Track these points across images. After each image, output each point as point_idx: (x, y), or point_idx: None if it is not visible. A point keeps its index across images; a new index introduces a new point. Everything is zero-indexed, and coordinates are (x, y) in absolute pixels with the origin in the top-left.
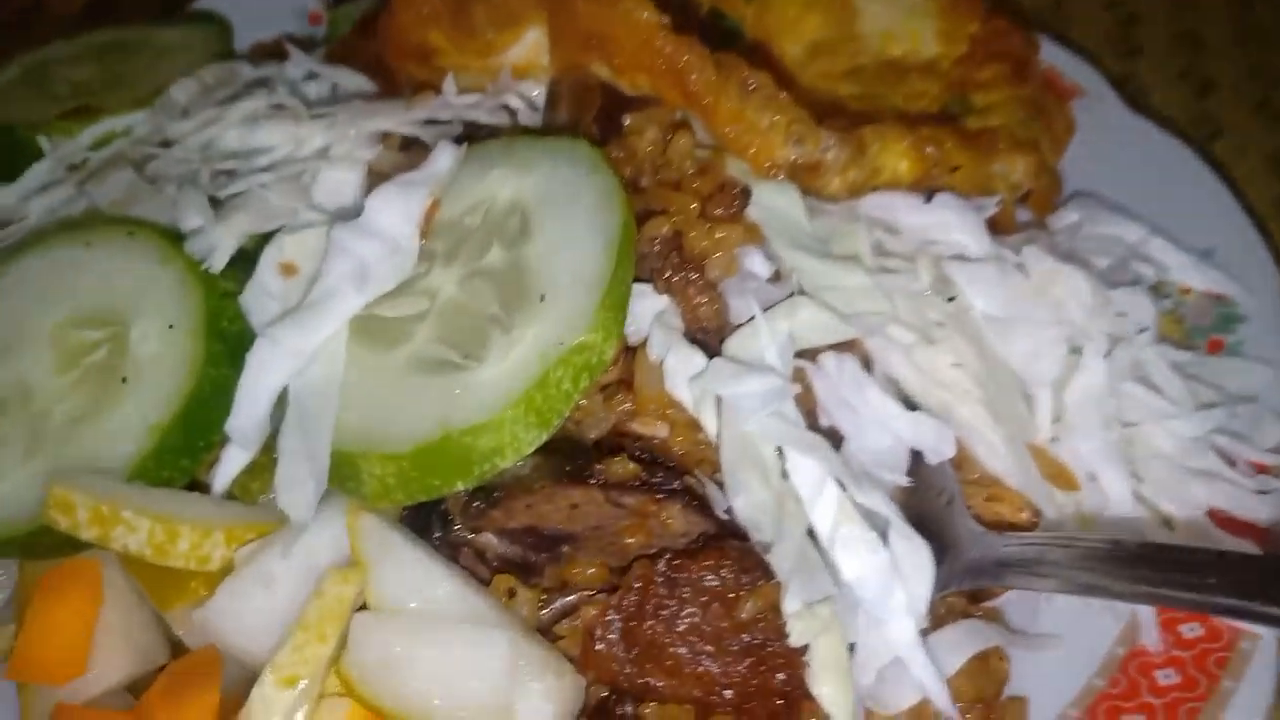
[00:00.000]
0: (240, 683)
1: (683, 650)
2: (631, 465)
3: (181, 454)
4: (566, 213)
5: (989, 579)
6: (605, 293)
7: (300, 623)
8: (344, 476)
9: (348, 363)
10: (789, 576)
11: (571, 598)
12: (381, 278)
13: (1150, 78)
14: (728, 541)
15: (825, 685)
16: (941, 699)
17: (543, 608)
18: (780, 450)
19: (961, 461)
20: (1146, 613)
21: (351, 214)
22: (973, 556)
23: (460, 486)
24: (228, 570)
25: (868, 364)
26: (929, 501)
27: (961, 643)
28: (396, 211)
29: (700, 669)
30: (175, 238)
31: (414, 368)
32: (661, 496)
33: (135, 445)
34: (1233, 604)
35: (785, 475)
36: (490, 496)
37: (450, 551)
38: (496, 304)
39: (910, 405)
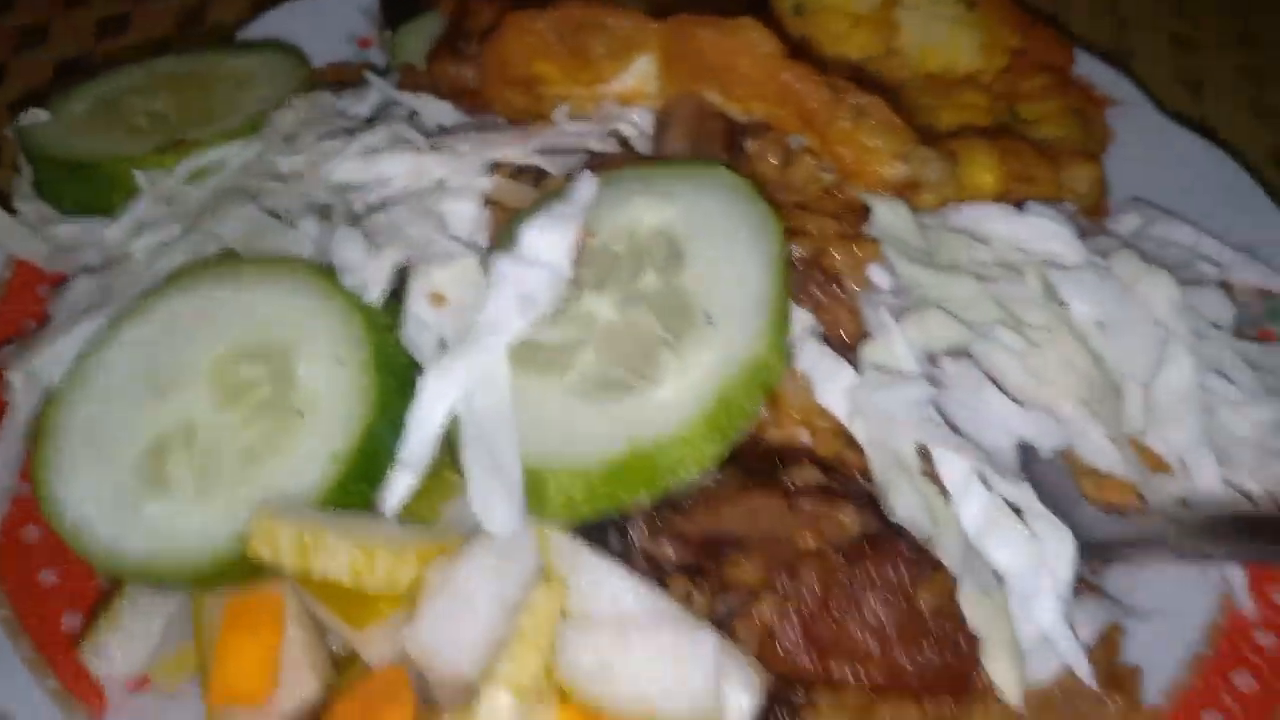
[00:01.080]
0: (423, 704)
1: (867, 640)
2: (813, 470)
3: (361, 481)
4: (720, 237)
5: (1113, 556)
6: (774, 310)
7: (516, 634)
8: (529, 494)
9: (514, 389)
10: (959, 567)
11: (736, 598)
12: (542, 303)
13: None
14: (896, 539)
15: (998, 663)
16: (1084, 671)
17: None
18: (923, 453)
19: (1068, 455)
20: (1239, 582)
21: (477, 244)
22: (1095, 538)
23: (645, 499)
24: (415, 589)
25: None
26: (1048, 492)
27: (1086, 620)
28: (551, 239)
29: (882, 651)
30: (328, 273)
31: (585, 389)
32: (838, 500)
33: (320, 474)
34: None
35: (927, 477)
36: (677, 505)
37: (627, 561)
38: (660, 327)
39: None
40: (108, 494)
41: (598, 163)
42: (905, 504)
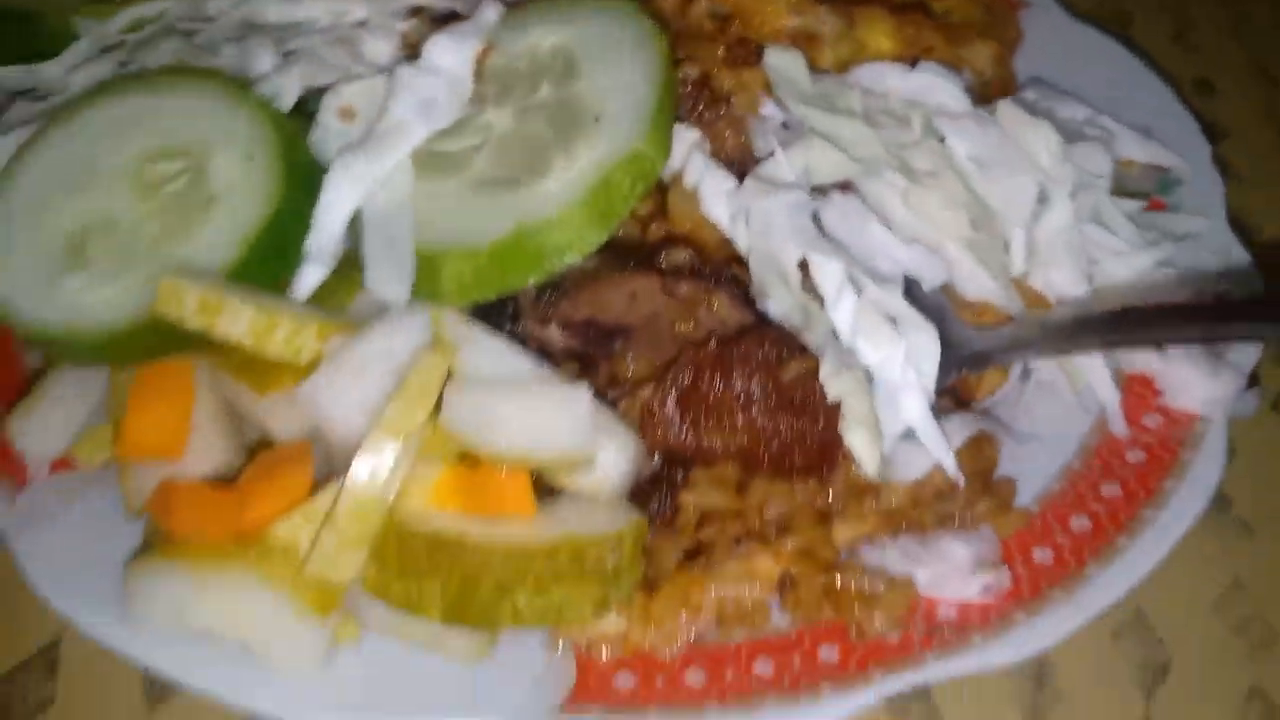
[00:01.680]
0: (323, 475)
1: (737, 411)
2: (686, 253)
3: (267, 264)
4: (611, 52)
5: (984, 363)
6: (654, 112)
7: (403, 388)
8: (422, 279)
9: (415, 187)
10: (823, 347)
11: (620, 391)
12: (443, 110)
13: None
14: (766, 326)
15: (856, 435)
16: (949, 463)
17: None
18: (801, 264)
19: (949, 291)
20: (1113, 405)
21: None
22: (970, 349)
23: (532, 280)
24: (316, 363)
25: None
26: (922, 308)
27: (958, 429)
28: (453, 53)
29: (749, 421)
30: (241, 83)
31: (480, 186)
32: (711, 285)
33: (227, 255)
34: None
35: (804, 287)
36: (560, 288)
37: (518, 345)
38: (552, 132)
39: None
40: (30, 270)
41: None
42: (780, 304)
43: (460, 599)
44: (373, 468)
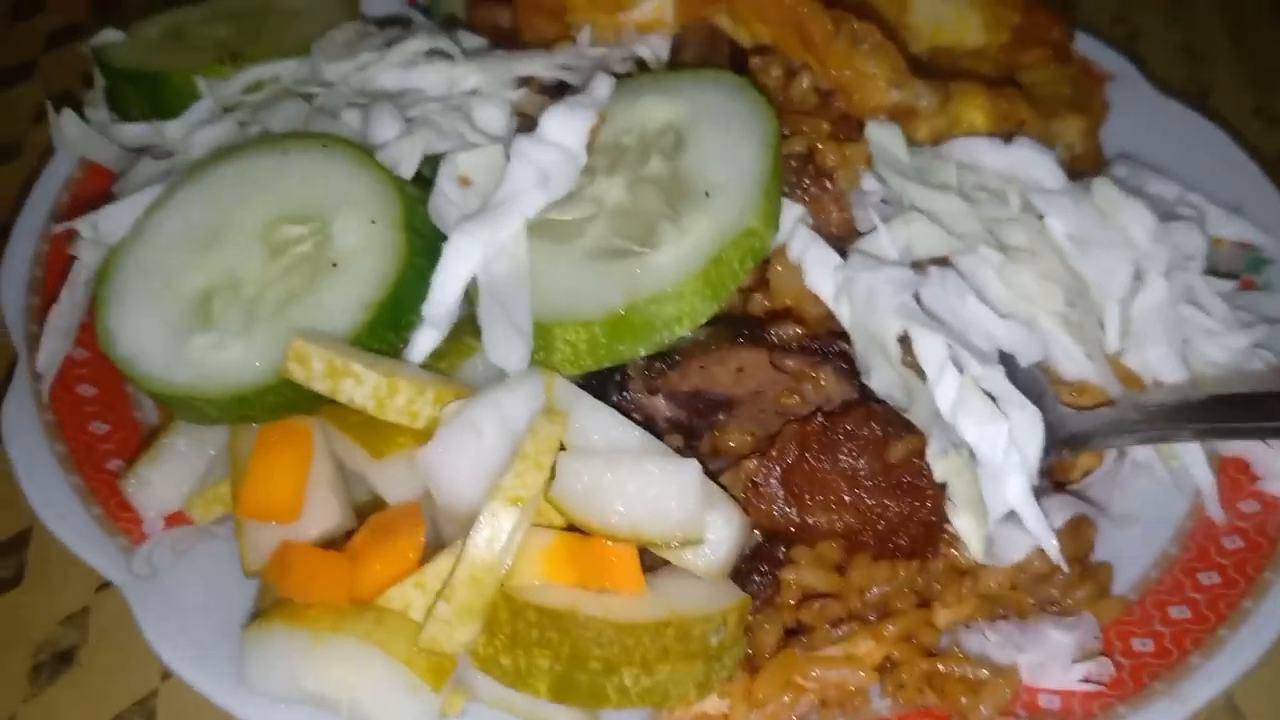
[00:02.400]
0: (433, 541)
1: (838, 486)
2: (797, 329)
3: (388, 329)
4: (721, 126)
5: (1082, 445)
6: (766, 187)
7: (520, 454)
8: (536, 347)
9: (531, 255)
10: (929, 426)
11: (724, 460)
12: (559, 181)
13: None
14: (872, 404)
15: (962, 517)
16: (1052, 547)
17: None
18: (903, 340)
19: (1045, 369)
20: (1209, 490)
21: (507, 142)
22: (1068, 430)
23: (643, 352)
24: (432, 428)
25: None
26: (1022, 388)
27: (1056, 510)
28: (568, 125)
29: (854, 499)
30: (364, 148)
31: (593, 255)
32: (819, 360)
33: (351, 319)
34: None
35: (905, 363)
36: (670, 360)
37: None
38: (663, 204)
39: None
40: (158, 329)
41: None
42: (882, 380)
43: (568, 675)
44: (490, 536)
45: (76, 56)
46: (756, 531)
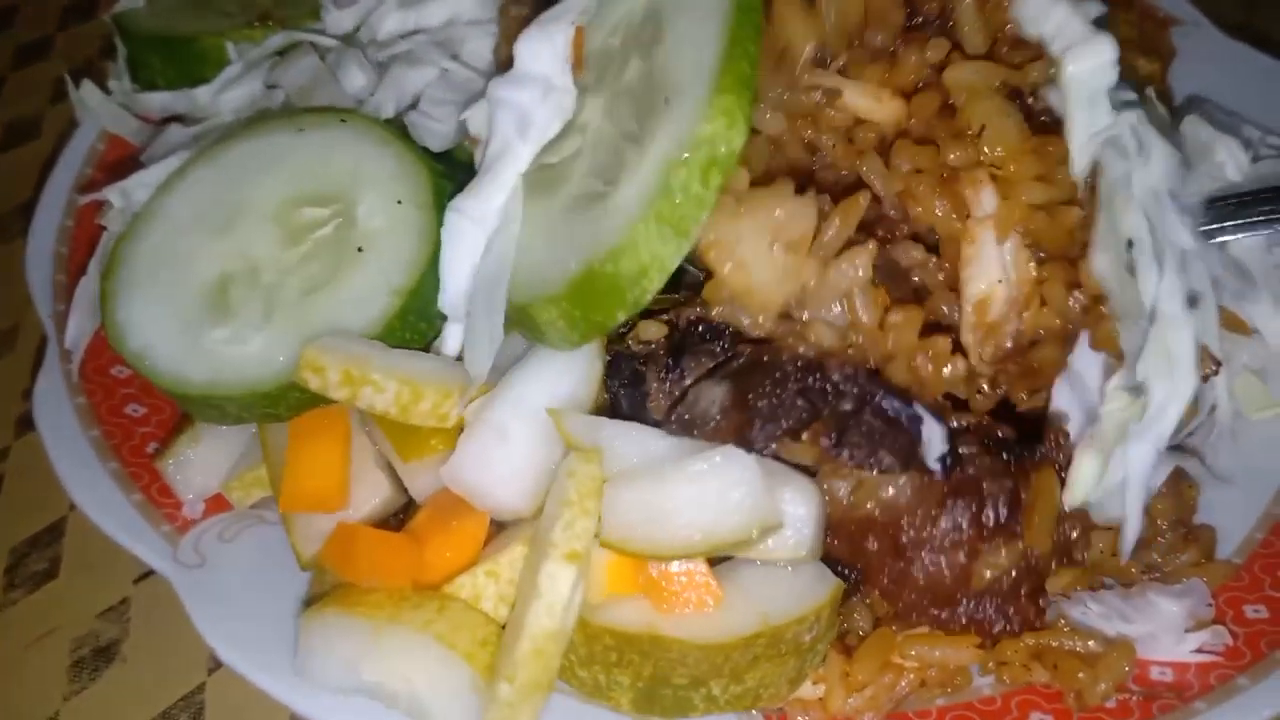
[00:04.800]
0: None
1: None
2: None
3: (420, 317)
4: (690, 2)
5: None
6: (719, 74)
7: (564, 502)
8: (527, 328)
9: (524, 217)
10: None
11: None
12: (543, 122)
13: None
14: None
15: (1086, 458)
16: (1133, 528)
17: None
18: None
19: None
20: None
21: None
22: None
23: (622, 316)
24: (461, 427)
25: None
26: None
27: (1161, 465)
28: (541, 51)
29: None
30: (385, 123)
31: (571, 207)
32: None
33: (379, 308)
34: None
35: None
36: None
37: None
38: (634, 120)
39: None
40: (172, 321)
41: None
42: (1103, 266)
43: (651, 690)
44: (550, 601)
45: (94, 32)
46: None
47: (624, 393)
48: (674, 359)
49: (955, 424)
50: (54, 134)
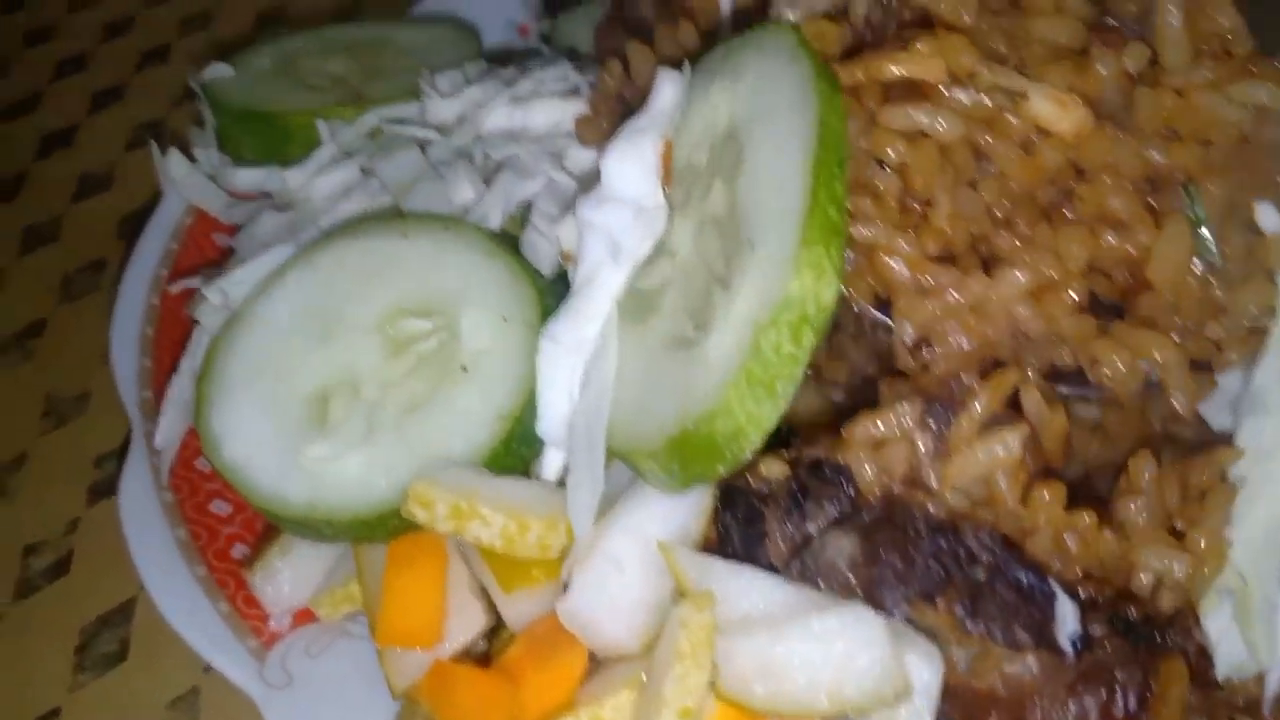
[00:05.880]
0: None
1: None
2: None
3: (523, 442)
4: (770, 122)
5: None
6: (804, 224)
7: (676, 653)
8: (633, 467)
9: (621, 344)
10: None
11: None
12: (634, 246)
13: None
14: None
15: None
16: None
17: None
18: None
19: None
20: None
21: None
22: None
23: (725, 470)
24: (564, 556)
25: None
26: None
27: None
28: (627, 169)
29: None
30: (493, 233)
31: (666, 346)
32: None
33: (485, 434)
34: None
35: None
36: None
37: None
38: (720, 260)
39: None
40: (270, 434)
41: None
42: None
43: None
44: None
45: (169, 79)
46: None
47: (738, 529)
48: (796, 501)
49: (1084, 596)
50: (127, 186)
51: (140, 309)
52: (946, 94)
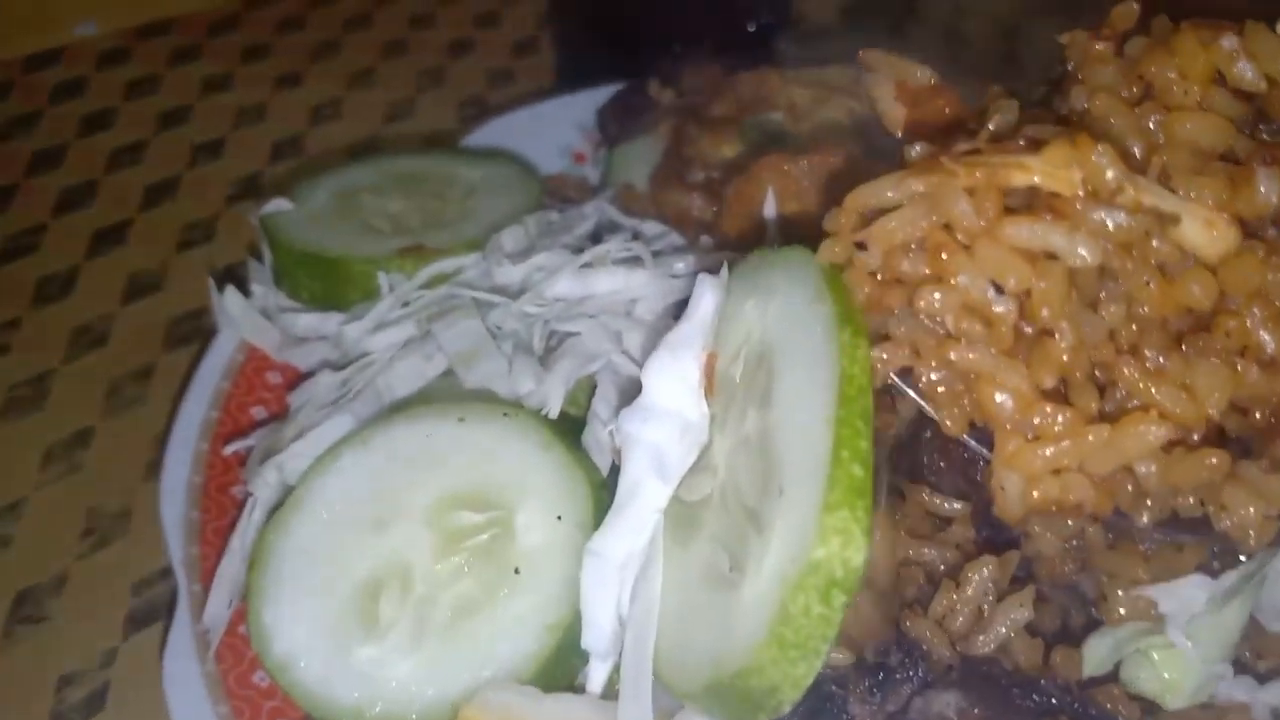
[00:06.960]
0: None
1: None
2: None
3: (572, 653)
4: (794, 364)
5: None
6: (828, 487)
7: None
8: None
9: (665, 564)
10: None
11: None
12: (678, 461)
13: None
14: None
15: None
16: None
17: None
18: None
19: None
20: None
21: None
22: None
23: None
24: None
25: None
26: None
27: None
28: (673, 381)
29: None
30: (551, 423)
31: (704, 579)
32: None
33: (533, 645)
34: None
35: None
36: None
37: None
38: (753, 492)
39: None
40: (321, 630)
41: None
42: None
43: None
44: None
45: (222, 176)
46: None
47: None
48: (876, 679)
49: None
50: (178, 288)
51: (188, 457)
52: (1084, 211)
